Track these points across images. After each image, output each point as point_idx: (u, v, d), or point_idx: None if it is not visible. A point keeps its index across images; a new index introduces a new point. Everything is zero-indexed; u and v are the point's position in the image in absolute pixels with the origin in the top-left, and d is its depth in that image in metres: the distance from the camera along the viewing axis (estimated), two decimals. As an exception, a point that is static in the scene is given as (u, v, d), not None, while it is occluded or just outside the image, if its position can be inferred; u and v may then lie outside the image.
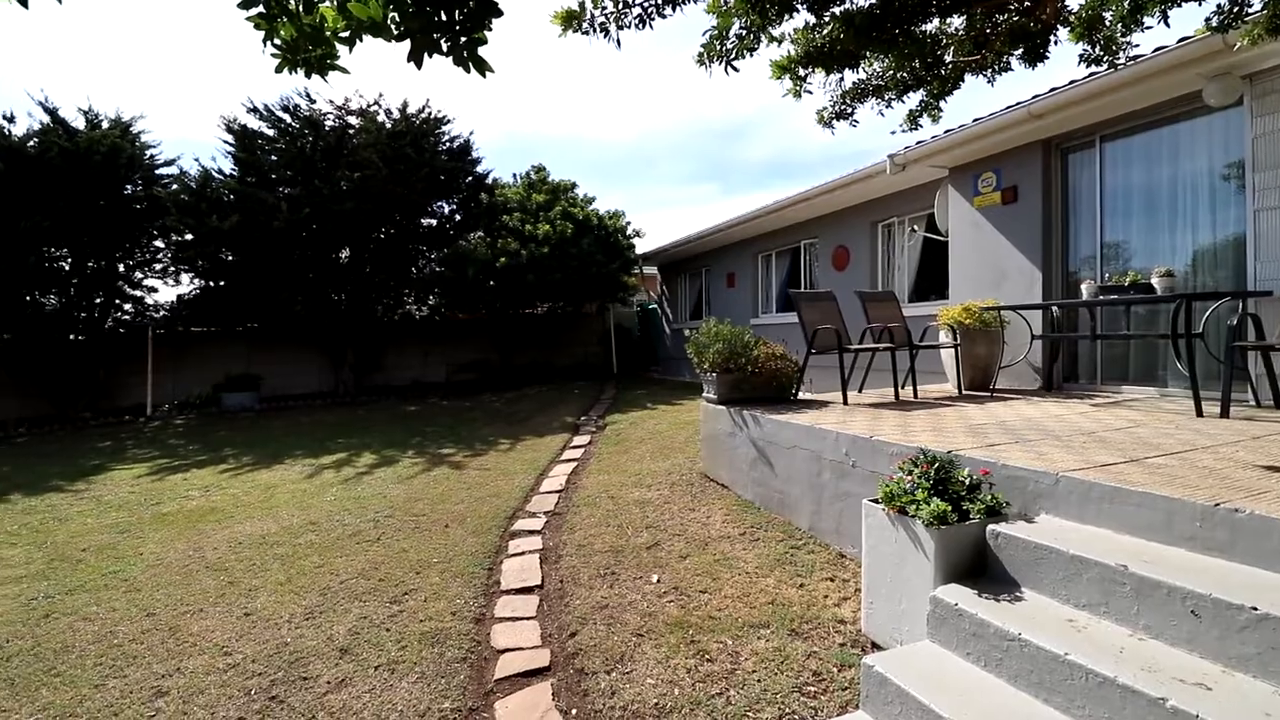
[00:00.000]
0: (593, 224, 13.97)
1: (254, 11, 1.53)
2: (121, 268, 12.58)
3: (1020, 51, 4.22)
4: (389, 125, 12.33)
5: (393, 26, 1.49)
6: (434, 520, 5.01)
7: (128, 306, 12.91)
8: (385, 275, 13.63)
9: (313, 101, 12.35)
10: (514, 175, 15.16)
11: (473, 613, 3.39)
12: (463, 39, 1.48)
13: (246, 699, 2.71)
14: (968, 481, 2.68)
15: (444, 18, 1.42)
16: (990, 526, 2.55)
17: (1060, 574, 2.29)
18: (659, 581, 3.58)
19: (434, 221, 13.89)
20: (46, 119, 11.26)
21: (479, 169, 13.60)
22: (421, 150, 12.38)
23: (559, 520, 4.84)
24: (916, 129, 4.72)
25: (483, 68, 1.60)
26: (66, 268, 11.87)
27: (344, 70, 1.75)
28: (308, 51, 1.58)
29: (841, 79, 3.84)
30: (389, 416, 10.88)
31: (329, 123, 12.31)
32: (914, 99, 4.51)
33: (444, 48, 1.52)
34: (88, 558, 4.64)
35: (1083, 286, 5.34)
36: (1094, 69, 4.30)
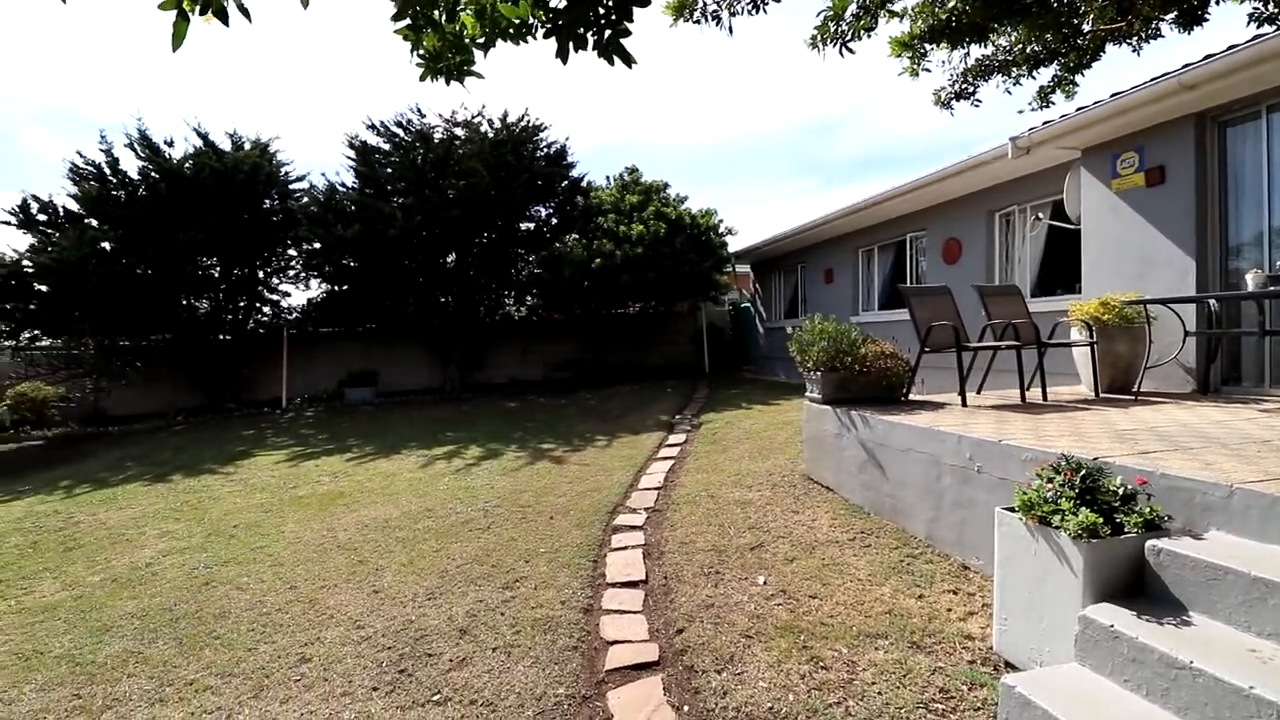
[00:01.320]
0: (685, 223, 13.95)
1: (403, 24, 1.64)
2: (261, 274, 13.99)
3: (1174, 15, 3.80)
4: (491, 134, 12.93)
5: (538, 24, 1.54)
6: (539, 512, 5.18)
7: (266, 309, 14.35)
8: (487, 278, 14.32)
9: (423, 116, 13.19)
10: (607, 178, 15.42)
11: (581, 603, 3.46)
12: (607, 32, 1.51)
13: (379, 670, 2.90)
14: (1120, 491, 2.42)
15: (592, 13, 1.45)
16: (1150, 542, 2.29)
17: (1239, 598, 2.02)
18: (765, 583, 3.50)
19: (532, 225, 14.45)
20: (199, 142, 12.69)
21: (574, 173, 13.99)
22: (521, 156, 12.89)
23: (659, 517, 4.85)
24: (1048, 106, 4.38)
25: (628, 59, 1.62)
26: (216, 274, 13.33)
27: (479, 75, 1.84)
28: (449, 59, 1.67)
29: (966, 55, 3.60)
30: (492, 412, 11.38)
31: (438, 135, 13.09)
32: (1045, 74, 4.17)
33: (589, 42, 1.55)
34: (238, 533, 5.16)
35: (1248, 277, 4.71)
36: (1263, 29, 3.80)
